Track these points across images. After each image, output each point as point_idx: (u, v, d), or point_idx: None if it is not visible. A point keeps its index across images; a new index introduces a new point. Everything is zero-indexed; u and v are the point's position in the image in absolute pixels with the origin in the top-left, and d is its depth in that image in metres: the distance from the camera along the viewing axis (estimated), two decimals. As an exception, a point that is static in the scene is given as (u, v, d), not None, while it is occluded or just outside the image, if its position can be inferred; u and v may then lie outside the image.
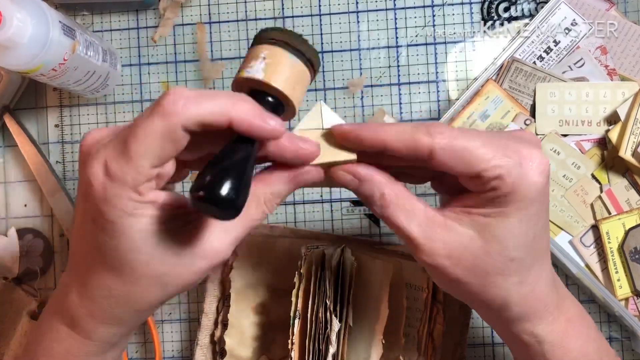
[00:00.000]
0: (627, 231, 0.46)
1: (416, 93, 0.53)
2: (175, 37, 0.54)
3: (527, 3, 0.52)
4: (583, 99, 0.48)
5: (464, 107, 0.49)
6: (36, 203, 0.55)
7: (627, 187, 0.47)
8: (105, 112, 0.55)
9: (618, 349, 0.51)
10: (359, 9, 0.53)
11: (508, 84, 0.49)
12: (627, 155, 0.46)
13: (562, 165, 0.48)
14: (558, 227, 0.48)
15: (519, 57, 0.49)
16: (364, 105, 0.53)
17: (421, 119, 0.52)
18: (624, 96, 0.48)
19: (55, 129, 0.55)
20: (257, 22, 0.54)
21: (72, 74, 0.47)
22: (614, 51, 0.49)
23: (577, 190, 0.47)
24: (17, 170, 0.55)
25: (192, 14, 0.54)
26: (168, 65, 0.54)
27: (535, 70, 0.49)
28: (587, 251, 0.47)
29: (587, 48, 0.49)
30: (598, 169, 0.48)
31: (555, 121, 0.48)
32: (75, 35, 0.46)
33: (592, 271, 0.47)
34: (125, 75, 0.54)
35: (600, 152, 0.48)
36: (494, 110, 0.49)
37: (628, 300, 0.47)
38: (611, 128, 0.47)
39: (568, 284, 0.51)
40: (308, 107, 0.53)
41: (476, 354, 0.51)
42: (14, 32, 0.40)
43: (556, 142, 0.48)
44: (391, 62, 0.53)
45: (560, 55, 0.49)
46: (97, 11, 0.55)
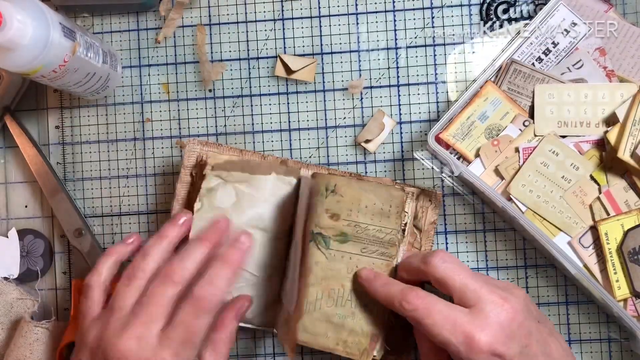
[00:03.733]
0: (625, 232, 0.47)
1: (415, 94, 0.53)
2: (175, 39, 0.54)
3: (526, 4, 0.52)
4: (582, 100, 0.48)
5: (463, 108, 0.49)
6: (37, 204, 0.55)
7: (626, 188, 0.47)
8: (106, 113, 0.55)
9: (617, 350, 0.51)
10: (358, 11, 0.53)
11: (507, 85, 0.49)
12: (625, 157, 0.46)
13: (561, 167, 0.48)
14: (557, 228, 0.48)
15: (517, 58, 0.49)
16: (364, 106, 0.53)
17: (420, 121, 0.53)
18: (622, 97, 0.48)
19: (56, 130, 0.55)
20: (256, 24, 0.54)
21: (73, 76, 0.47)
22: (612, 52, 0.49)
23: (575, 191, 0.48)
24: (17, 171, 0.55)
25: (193, 15, 0.54)
26: (168, 67, 0.54)
27: (534, 72, 0.49)
28: (585, 252, 0.47)
29: (585, 49, 0.49)
30: (597, 170, 0.48)
31: (554, 122, 0.48)
32: (75, 37, 0.46)
33: (590, 272, 0.47)
34: (126, 77, 0.55)
35: (598, 153, 0.48)
36: (493, 111, 0.49)
37: (627, 301, 0.47)
38: (610, 129, 0.47)
39: (567, 285, 0.51)
40: (308, 107, 0.53)
41: (475, 354, 0.51)
42: (15, 33, 0.40)
43: (555, 144, 0.48)
44: (391, 64, 0.53)
45: (559, 56, 0.49)
46: (98, 13, 0.55)
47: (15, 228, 0.55)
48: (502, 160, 0.48)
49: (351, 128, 0.53)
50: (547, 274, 0.51)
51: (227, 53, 0.54)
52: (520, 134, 0.49)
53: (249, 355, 0.53)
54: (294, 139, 0.53)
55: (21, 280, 0.54)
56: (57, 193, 0.53)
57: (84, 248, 0.53)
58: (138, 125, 0.55)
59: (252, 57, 0.54)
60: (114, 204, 0.55)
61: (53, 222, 0.55)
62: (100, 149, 0.55)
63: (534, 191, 0.48)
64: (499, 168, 0.48)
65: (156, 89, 0.55)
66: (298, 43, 0.53)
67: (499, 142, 0.49)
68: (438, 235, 0.52)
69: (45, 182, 0.53)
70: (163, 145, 0.54)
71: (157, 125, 0.54)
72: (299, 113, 0.53)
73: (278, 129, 0.54)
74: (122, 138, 0.55)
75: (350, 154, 0.53)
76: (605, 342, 0.51)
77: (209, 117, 0.54)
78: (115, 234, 0.55)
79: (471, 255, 0.52)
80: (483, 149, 0.49)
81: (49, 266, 0.55)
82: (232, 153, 0.51)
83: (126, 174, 0.55)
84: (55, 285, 0.55)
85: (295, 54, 0.53)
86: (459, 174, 0.47)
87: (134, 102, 0.55)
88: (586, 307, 0.51)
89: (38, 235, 0.55)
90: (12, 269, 0.54)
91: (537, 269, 0.51)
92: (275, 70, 0.54)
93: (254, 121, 0.54)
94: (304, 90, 0.53)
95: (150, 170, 0.54)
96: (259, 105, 0.54)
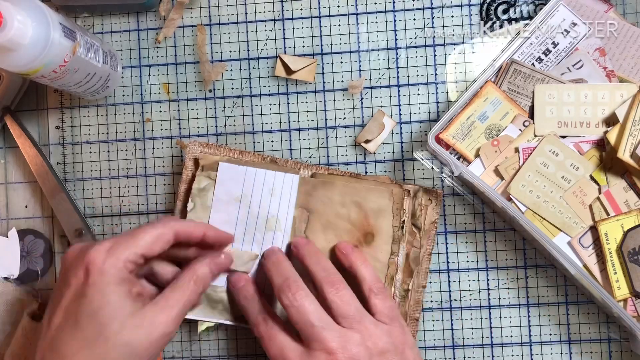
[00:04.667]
0: (625, 232, 0.47)
1: (415, 94, 0.53)
2: (175, 39, 0.54)
3: (526, 5, 0.52)
4: (582, 100, 0.48)
5: (463, 108, 0.49)
6: (37, 204, 0.55)
7: (626, 188, 0.47)
8: (106, 113, 0.55)
9: (617, 350, 0.51)
10: (358, 11, 0.53)
11: (507, 85, 0.49)
12: (625, 157, 0.46)
13: (561, 167, 0.48)
14: (557, 228, 0.48)
15: (517, 58, 0.49)
16: (364, 106, 0.53)
17: (420, 121, 0.53)
18: (622, 98, 0.48)
19: (56, 131, 0.55)
20: (257, 24, 0.54)
21: (73, 76, 0.47)
22: (612, 53, 0.49)
23: (575, 192, 0.48)
24: (17, 171, 0.55)
25: (193, 15, 0.54)
26: (168, 67, 0.54)
27: (534, 72, 0.49)
28: (585, 252, 0.47)
29: (585, 50, 0.49)
30: (596, 170, 0.48)
31: (554, 122, 0.48)
32: (75, 37, 0.46)
33: (590, 272, 0.47)
34: (126, 77, 0.55)
35: (598, 153, 0.48)
36: (492, 111, 0.49)
37: (626, 301, 0.47)
38: (610, 129, 0.47)
39: (567, 285, 0.51)
40: (308, 107, 0.53)
41: (475, 354, 0.52)
42: (15, 33, 0.40)
43: (555, 144, 0.48)
44: (391, 64, 0.53)
45: (559, 56, 0.49)
46: (98, 13, 0.55)
47: (16, 228, 0.55)
48: (502, 160, 0.48)
49: (351, 128, 0.53)
50: (547, 274, 0.51)
51: (227, 53, 0.54)
52: (520, 134, 0.49)
53: (249, 355, 0.53)
54: (294, 139, 0.53)
55: (21, 280, 0.54)
56: (58, 193, 0.53)
57: (84, 248, 0.53)
58: (138, 125, 0.55)
59: (252, 57, 0.54)
60: (114, 204, 0.55)
61: (53, 222, 0.55)
62: (101, 149, 0.55)
63: (533, 191, 0.48)
64: (499, 168, 0.48)
65: (156, 89, 0.55)
66: (298, 43, 0.53)
67: (499, 142, 0.49)
68: (438, 235, 0.52)
69: (45, 182, 0.53)
70: (163, 145, 0.54)
71: (157, 126, 0.54)
72: (299, 113, 0.54)
73: (278, 129, 0.54)
74: (122, 138, 0.55)
75: (350, 154, 0.53)
76: (605, 342, 0.51)
77: (209, 117, 0.54)
78: (116, 233, 0.55)
79: (471, 255, 0.52)
80: (483, 149, 0.49)
81: (49, 266, 0.55)
82: (232, 155, 0.51)
83: (126, 174, 0.55)
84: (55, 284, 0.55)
85: (295, 54, 0.54)
86: (459, 174, 0.47)
87: (134, 102, 0.55)
88: (586, 307, 0.51)
89: (38, 235, 0.55)
90: (12, 269, 0.54)
91: (537, 269, 0.51)
92: (275, 70, 0.54)
93: (254, 121, 0.54)
94: (304, 91, 0.54)
95: (150, 170, 0.54)
96: (259, 105, 0.54)
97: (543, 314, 0.51)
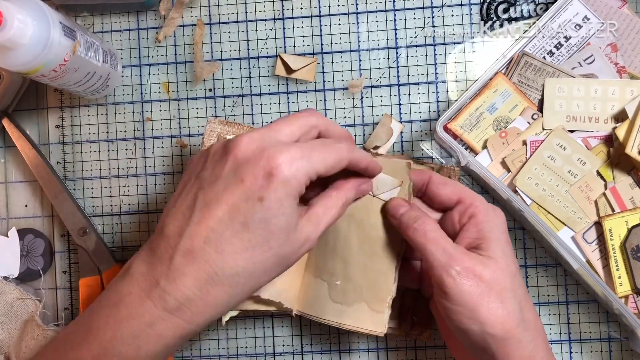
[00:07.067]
0: (630, 229, 0.47)
1: (416, 94, 0.53)
2: (175, 38, 0.54)
3: (527, 4, 0.52)
4: (591, 95, 0.48)
5: (472, 99, 0.49)
6: (37, 203, 0.55)
7: (632, 185, 0.47)
8: (106, 112, 0.55)
9: (617, 349, 0.51)
10: (358, 10, 0.53)
11: (517, 77, 0.49)
12: (633, 153, 0.46)
13: (568, 161, 0.48)
14: (561, 222, 0.48)
15: (529, 51, 0.49)
16: (364, 106, 0.53)
17: (421, 120, 0.53)
18: (632, 94, 0.48)
19: (56, 130, 0.55)
20: (257, 23, 0.54)
21: (73, 75, 0.47)
22: (624, 49, 0.49)
23: (581, 186, 0.48)
24: (17, 170, 0.55)
25: (193, 14, 0.54)
26: (168, 66, 0.54)
27: (545, 65, 0.49)
28: (589, 247, 0.47)
29: (597, 45, 0.49)
30: (603, 165, 0.48)
31: (562, 116, 0.48)
32: (75, 36, 0.46)
33: (593, 267, 0.47)
34: (126, 76, 0.55)
35: (606, 149, 0.48)
36: (502, 103, 0.49)
37: (628, 298, 0.47)
38: (618, 125, 0.47)
39: (567, 284, 0.51)
40: (308, 106, 0.53)
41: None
42: (15, 32, 0.40)
43: (563, 138, 0.48)
44: (391, 63, 0.53)
45: (570, 51, 0.49)
46: (98, 12, 0.55)
47: (16, 227, 0.55)
48: (509, 152, 0.48)
49: (351, 127, 0.53)
50: (547, 274, 0.51)
51: (227, 52, 0.54)
52: (529, 126, 0.49)
53: (249, 355, 0.53)
54: (294, 138, 0.53)
55: (21, 280, 0.54)
56: (60, 193, 0.53)
57: (89, 247, 0.53)
58: (138, 124, 0.55)
59: (252, 57, 0.54)
60: (114, 203, 0.55)
61: (53, 221, 0.55)
62: (101, 148, 0.55)
63: (539, 184, 0.48)
64: (506, 160, 0.48)
65: (156, 88, 0.55)
66: (298, 42, 0.53)
67: (506, 134, 0.49)
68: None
69: (46, 182, 0.53)
70: (163, 144, 0.54)
71: (157, 125, 0.54)
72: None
73: (278, 128, 0.53)
74: (122, 137, 0.55)
75: (351, 153, 0.53)
76: (606, 342, 0.51)
77: (209, 117, 0.54)
78: (116, 233, 0.55)
79: (472, 255, 0.52)
80: (490, 141, 0.49)
81: (49, 266, 0.55)
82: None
83: (126, 174, 0.55)
84: (55, 284, 0.54)
85: (295, 53, 0.53)
86: (465, 164, 0.47)
87: (134, 102, 0.55)
88: (586, 306, 0.51)
89: (38, 234, 0.55)
90: (12, 269, 0.54)
91: (537, 268, 0.51)
92: (275, 69, 0.54)
93: (254, 120, 0.54)
94: (304, 90, 0.53)
95: (150, 170, 0.54)
96: (259, 104, 0.54)
97: (543, 313, 0.51)
